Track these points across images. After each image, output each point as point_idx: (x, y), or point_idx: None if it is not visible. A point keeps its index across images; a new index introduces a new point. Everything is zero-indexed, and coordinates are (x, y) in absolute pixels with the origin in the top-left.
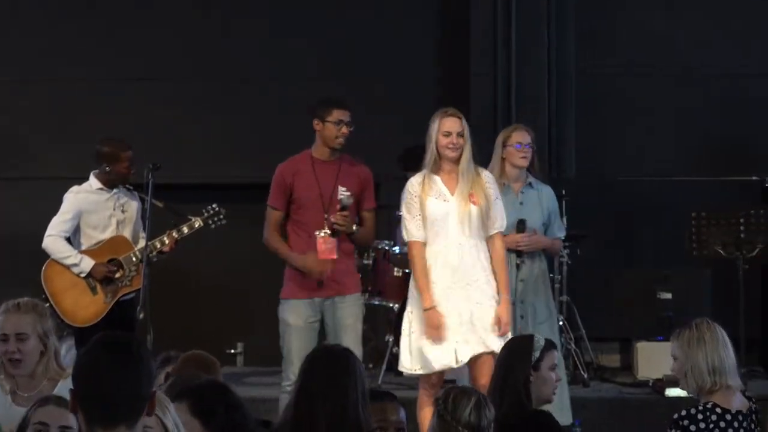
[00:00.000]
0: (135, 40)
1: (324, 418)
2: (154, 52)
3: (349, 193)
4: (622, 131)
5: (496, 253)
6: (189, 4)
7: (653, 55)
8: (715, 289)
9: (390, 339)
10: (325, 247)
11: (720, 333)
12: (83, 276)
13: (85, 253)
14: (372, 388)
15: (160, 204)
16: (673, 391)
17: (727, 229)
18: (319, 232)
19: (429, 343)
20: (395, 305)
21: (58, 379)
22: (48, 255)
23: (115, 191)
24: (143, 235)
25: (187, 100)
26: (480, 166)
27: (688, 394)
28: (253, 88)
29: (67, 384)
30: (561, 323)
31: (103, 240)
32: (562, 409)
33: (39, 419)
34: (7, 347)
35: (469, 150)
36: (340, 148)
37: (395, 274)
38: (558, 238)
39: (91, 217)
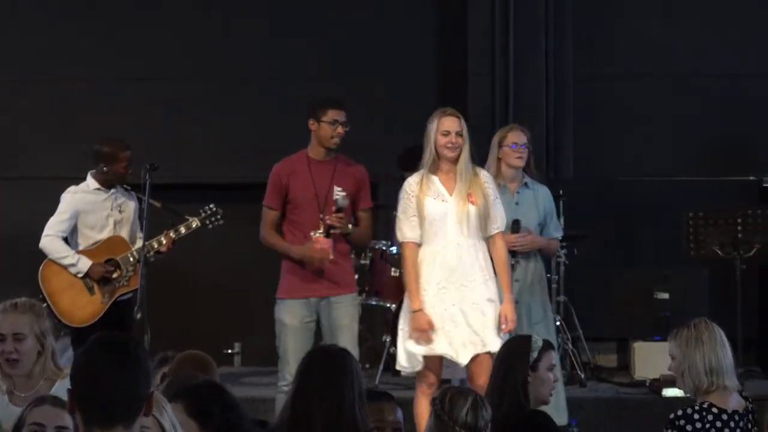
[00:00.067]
0: (135, 40)
1: (321, 419)
2: (154, 52)
3: (345, 194)
4: (620, 137)
5: (498, 252)
6: (189, 4)
7: (650, 62)
8: (713, 290)
9: (387, 339)
10: (321, 247)
11: (718, 333)
12: (80, 276)
13: (83, 254)
14: (369, 388)
15: (158, 204)
16: (670, 391)
17: (725, 229)
18: (315, 232)
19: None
20: (392, 305)
21: (55, 379)
22: (45, 255)
23: (112, 191)
24: (140, 235)
25: (187, 100)
26: (478, 166)
27: (685, 394)
28: (253, 88)
29: (64, 384)
30: (558, 323)
31: (100, 240)
32: (558, 409)
33: (35, 419)
34: (4, 347)
35: (467, 150)
36: (335, 148)
37: (392, 274)
38: (554, 239)
39: (88, 218)
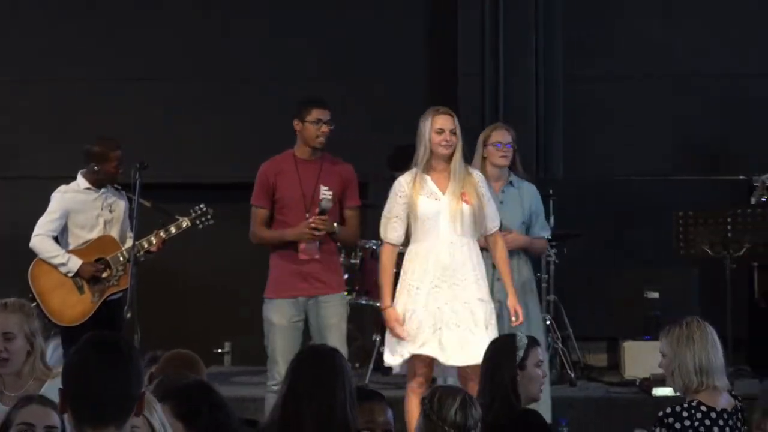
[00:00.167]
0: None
1: (311, 418)
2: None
3: (331, 194)
4: (610, 137)
5: (499, 251)
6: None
7: (640, 62)
8: (703, 289)
9: (377, 338)
10: (307, 246)
11: (709, 333)
12: (71, 275)
13: (73, 253)
14: (361, 387)
15: (148, 203)
16: (660, 391)
17: (715, 228)
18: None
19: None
20: None
21: (44, 379)
22: (35, 254)
23: (102, 191)
24: (131, 234)
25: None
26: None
27: (674, 392)
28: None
29: (53, 384)
30: (548, 323)
31: (90, 239)
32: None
33: (24, 419)
34: None
35: (461, 148)
36: (321, 147)
37: None
38: (541, 238)
39: (78, 217)
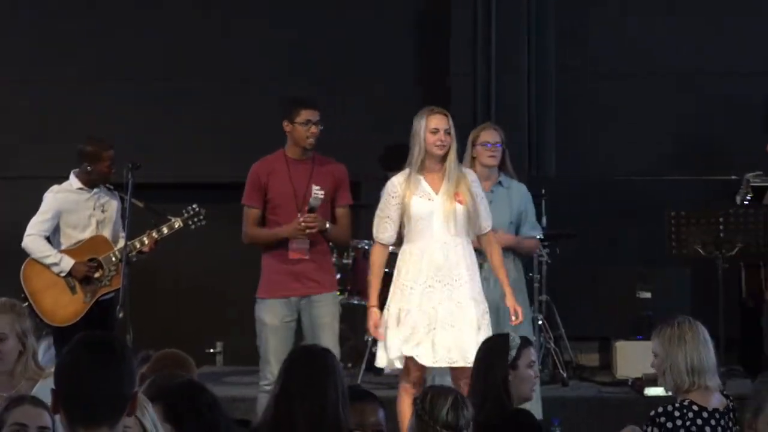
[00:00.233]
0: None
1: (303, 418)
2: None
3: (323, 193)
4: (602, 136)
5: (493, 250)
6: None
7: (632, 60)
8: (695, 289)
9: (369, 338)
10: (297, 246)
11: (701, 333)
12: (63, 275)
13: (65, 253)
14: (354, 387)
15: (141, 204)
16: (652, 390)
17: (707, 228)
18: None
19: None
20: None
21: (36, 378)
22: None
23: (95, 191)
24: (123, 234)
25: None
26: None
27: (666, 392)
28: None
29: (45, 384)
30: (540, 322)
31: (82, 240)
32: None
33: (17, 420)
34: None
35: (455, 148)
36: (310, 147)
37: None
38: (531, 237)
39: (70, 217)
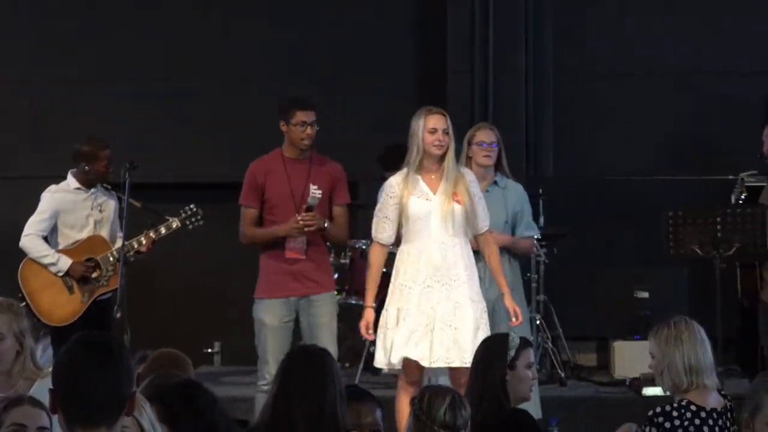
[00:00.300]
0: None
1: (302, 417)
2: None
3: (320, 192)
4: (600, 136)
5: (491, 251)
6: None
7: (630, 56)
8: (692, 289)
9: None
10: (294, 245)
11: (698, 332)
12: (61, 275)
13: (63, 253)
14: (351, 386)
15: (138, 204)
16: (650, 390)
17: (704, 228)
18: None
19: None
20: None
21: (34, 378)
22: (25, 254)
23: (92, 191)
24: (120, 234)
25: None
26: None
27: (664, 392)
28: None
29: (43, 384)
30: (538, 322)
31: (80, 239)
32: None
33: (16, 420)
34: None
35: (453, 148)
36: (306, 148)
37: None
38: (526, 237)
39: (68, 217)
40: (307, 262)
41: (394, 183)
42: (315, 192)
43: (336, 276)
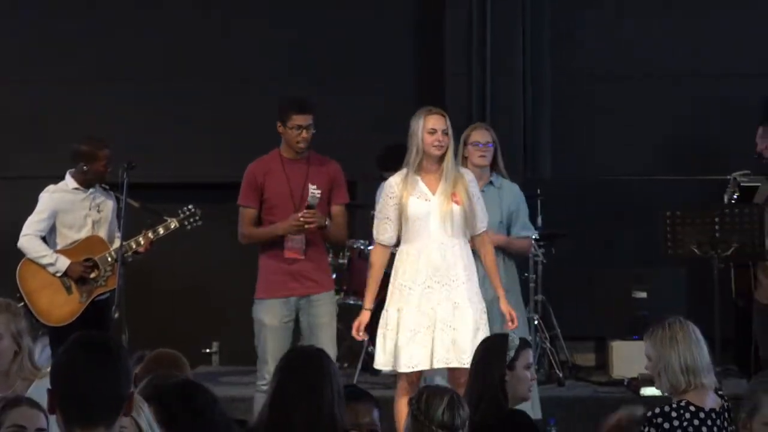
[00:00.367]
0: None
1: (300, 417)
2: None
3: (320, 192)
4: (598, 136)
5: (487, 252)
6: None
7: (628, 58)
8: (690, 289)
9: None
10: (292, 245)
11: (693, 332)
12: (59, 275)
13: (61, 253)
14: (349, 386)
15: (136, 204)
16: (648, 390)
17: (702, 228)
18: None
19: (404, 342)
20: None
21: (32, 378)
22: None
23: (91, 191)
24: (119, 235)
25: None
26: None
27: (662, 394)
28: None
29: (41, 384)
30: (536, 322)
31: (78, 240)
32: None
33: (15, 421)
34: None
35: (452, 149)
36: (302, 151)
37: None
38: (522, 237)
39: (66, 217)
40: (305, 262)
41: (394, 183)
42: (315, 191)
43: (334, 276)
